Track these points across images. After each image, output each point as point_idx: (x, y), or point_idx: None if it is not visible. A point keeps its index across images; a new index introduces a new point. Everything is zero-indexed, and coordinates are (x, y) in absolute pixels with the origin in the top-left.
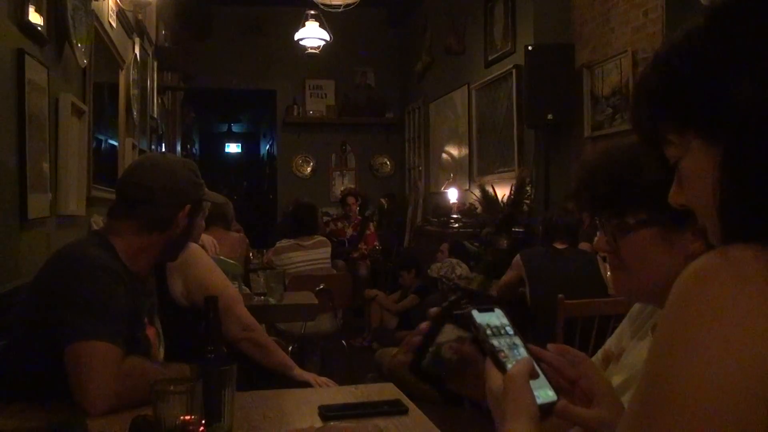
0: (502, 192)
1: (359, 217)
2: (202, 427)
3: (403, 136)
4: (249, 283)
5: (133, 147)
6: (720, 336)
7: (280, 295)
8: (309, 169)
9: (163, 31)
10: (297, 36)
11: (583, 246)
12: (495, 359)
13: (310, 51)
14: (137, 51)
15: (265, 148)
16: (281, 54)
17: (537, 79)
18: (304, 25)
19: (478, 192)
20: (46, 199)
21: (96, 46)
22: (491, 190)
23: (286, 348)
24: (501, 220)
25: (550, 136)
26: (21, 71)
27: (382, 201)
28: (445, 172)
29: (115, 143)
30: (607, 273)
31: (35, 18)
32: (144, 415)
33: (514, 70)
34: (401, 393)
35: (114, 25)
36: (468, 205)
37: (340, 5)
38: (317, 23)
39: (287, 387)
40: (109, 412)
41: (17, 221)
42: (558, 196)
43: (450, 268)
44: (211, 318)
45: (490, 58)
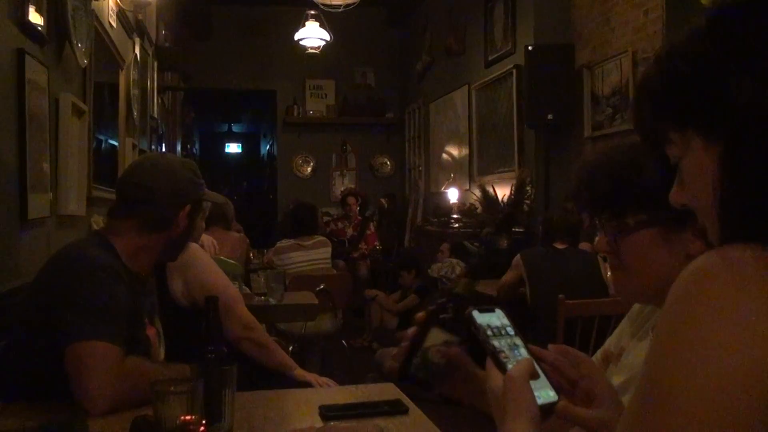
0: (503, 192)
1: (359, 217)
2: (202, 427)
3: (403, 136)
4: (249, 283)
5: (133, 147)
6: (719, 336)
7: (281, 295)
8: (309, 169)
9: (163, 31)
10: (297, 36)
11: (584, 246)
12: (496, 359)
13: (310, 51)
14: (137, 51)
15: (265, 148)
16: (281, 54)
17: (537, 79)
18: (304, 25)
19: (478, 192)
20: (46, 199)
21: (96, 46)
22: (491, 190)
23: (286, 348)
24: (501, 220)
25: (550, 136)
26: (21, 71)
27: (383, 201)
28: (445, 172)
29: (115, 143)
30: (608, 273)
31: (35, 18)
32: (144, 415)
33: (515, 70)
34: (401, 393)
35: (114, 25)
36: (468, 205)
37: (340, 5)
38: (317, 23)
39: (288, 387)
40: (110, 412)
41: (17, 221)
42: (558, 196)
43: (450, 268)
44: (212, 318)
45: (490, 58)
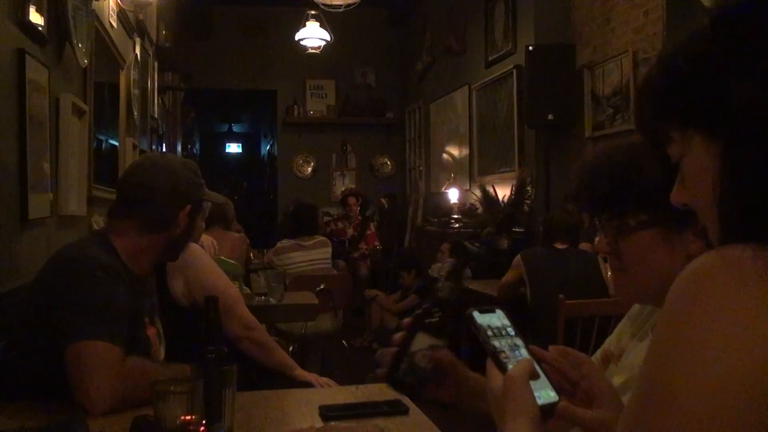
0: (503, 192)
1: (360, 217)
2: (202, 427)
3: (403, 137)
4: (249, 283)
5: (134, 147)
6: (718, 336)
7: (281, 295)
8: (309, 169)
9: (163, 31)
10: (297, 36)
11: (584, 246)
12: (496, 360)
13: (310, 51)
14: (138, 51)
15: (265, 148)
16: (282, 54)
17: (537, 80)
18: (305, 25)
19: (478, 192)
20: (46, 199)
21: (97, 46)
22: (492, 190)
23: (286, 348)
24: (501, 220)
25: (550, 136)
26: (22, 71)
27: (383, 201)
28: (445, 172)
29: (116, 143)
30: (608, 273)
31: (36, 18)
32: (144, 415)
33: (515, 71)
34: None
35: (114, 25)
36: (468, 205)
37: (341, 5)
38: (318, 23)
39: (288, 387)
40: (110, 412)
41: (17, 221)
42: (558, 196)
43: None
44: (212, 318)
45: (491, 59)
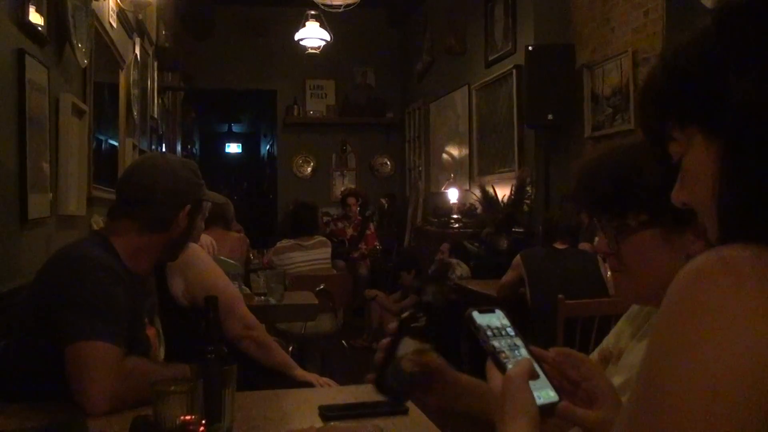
0: (503, 192)
1: (359, 217)
2: (202, 427)
3: (403, 137)
4: (249, 284)
5: (134, 147)
6: (715, 336)
7: (281, 295)
8: (309, 169)
9: (163, 31)
10: (297, 36)
11: (584, 246)
12: (496, 360)
13: (310, 51)
14: (137, 51)
15: (265, 148)
16: (281, 54)
17: (537, 79)
18: (305, 26)
19: (478, 192)
20: (46, 199)
21: (96, 46)
22: (491, 190)
23: (286, 348)
24: (501, 220)
25: (550, 136)
26: (21, 71)
27: (383, 201)
28: (445, 172)
29: (116, 143)
30: (608, 273)
31: (35, 18)
32: (144, 415)
33: (515, 70)
34: None
35: (114, 25)
36: (468, 205)
37: (341, 5)
38: (317, 23)
39: (288, 387)
40: (109, 412)
41: (17, 221)
42: (558, 197)
43: (450, 269)
44: (211, 318)
45: (491, 58)
